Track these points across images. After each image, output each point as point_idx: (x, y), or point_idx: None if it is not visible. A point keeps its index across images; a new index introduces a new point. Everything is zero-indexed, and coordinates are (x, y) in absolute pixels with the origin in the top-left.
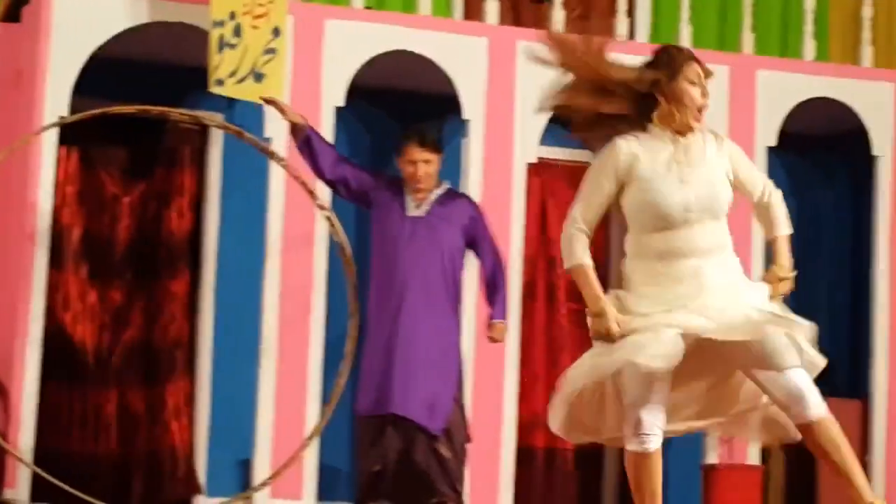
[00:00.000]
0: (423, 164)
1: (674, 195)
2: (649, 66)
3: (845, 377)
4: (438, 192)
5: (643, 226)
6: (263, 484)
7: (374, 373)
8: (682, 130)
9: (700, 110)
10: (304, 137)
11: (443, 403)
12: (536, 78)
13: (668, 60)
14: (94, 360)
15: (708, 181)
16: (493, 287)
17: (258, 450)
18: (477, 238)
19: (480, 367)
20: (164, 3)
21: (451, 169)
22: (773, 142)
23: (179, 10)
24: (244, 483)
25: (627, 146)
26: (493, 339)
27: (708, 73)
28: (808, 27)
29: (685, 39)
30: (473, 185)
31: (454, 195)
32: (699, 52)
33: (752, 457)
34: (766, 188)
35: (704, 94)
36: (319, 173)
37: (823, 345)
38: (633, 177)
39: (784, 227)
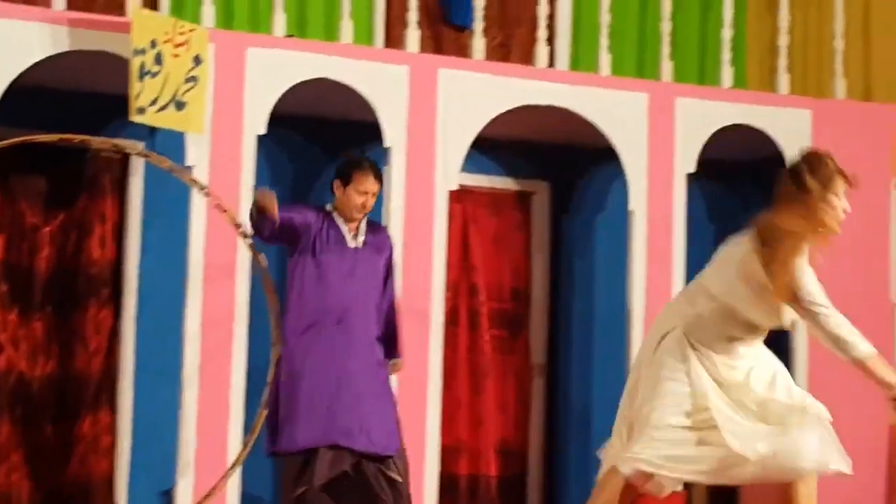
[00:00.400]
0: (372, 195)
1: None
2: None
3: None
4: (363, 221)
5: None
6: None
7: (315, 405)
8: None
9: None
10: (269, 220)
11: (393, 428)
12: (457, 106)
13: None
14: (15, 392)
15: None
16: (391, 323)
17: (180, 480)
18: (388, 271)
19: (403, 394)
20: (85, 31)
21: None
22: (691, 169)
23: (100, 39)
24: None
25: None
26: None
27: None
28: (726, 55)
29: (604, 68)
30: (395, 212)
31: (375, 225)
32: (618, 80)
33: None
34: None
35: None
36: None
37: None
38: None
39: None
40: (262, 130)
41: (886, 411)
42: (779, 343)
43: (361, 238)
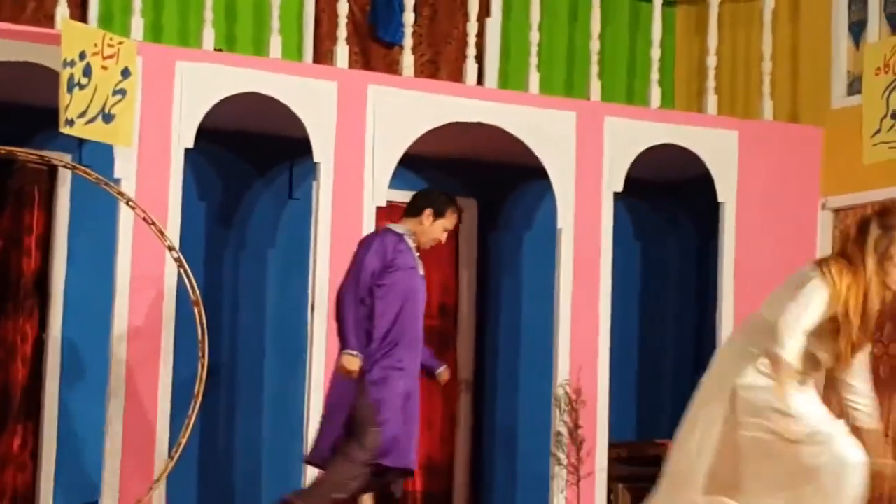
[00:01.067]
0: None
1: None
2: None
3: None
4: None
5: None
6: None
7: (401, 428)
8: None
9: None
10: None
11: None
12: (386, 122)
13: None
14: None
15: None
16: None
17: (105, 494)
18: None
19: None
20: (13, 42)
21: (302, 212)
22: (619, 188)
23: (29, 50)
24: None
25: None
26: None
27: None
28: (654, 75)
29: (534, 86)
30: (323, 227)
31: None
32: (547, 98)
33: (599, 500)
34: None
35: None
36: None
37: (669, 388)
38: None
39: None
40: (190, 144)
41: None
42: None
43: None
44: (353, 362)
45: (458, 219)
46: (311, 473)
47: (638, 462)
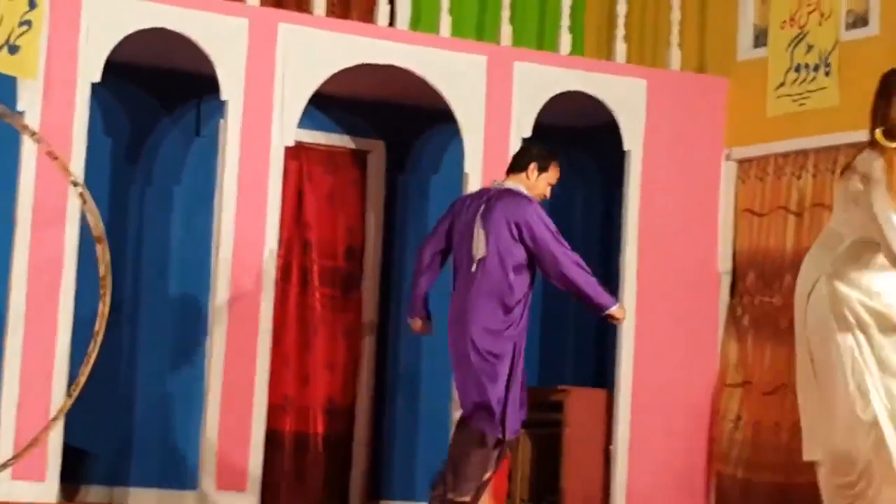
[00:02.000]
0: None
1: None
2: None
3: (592, 368)
4: None
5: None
6: (5, 465)
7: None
8: None
9: None
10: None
11: None
12: (297, 61)
13: None
14: None
15: None
16: None
17: (2, 430)
18: None
19: (232, 349)
20: None
21: (209, 149)
22: (527, 133)
23: None
24: None
25: None
26: None
27: None
28: (565, 21)
29: (445, 29)
30: (230, 165)
31: None
32: (458, 41)
33: None
34: None
35: None
36: None
37: (571, 337)
38: None
39: None
40: (97, 78)
41: None
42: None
43: None
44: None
45: (561, 172)
46: (212, 411)
47: (540, 408)
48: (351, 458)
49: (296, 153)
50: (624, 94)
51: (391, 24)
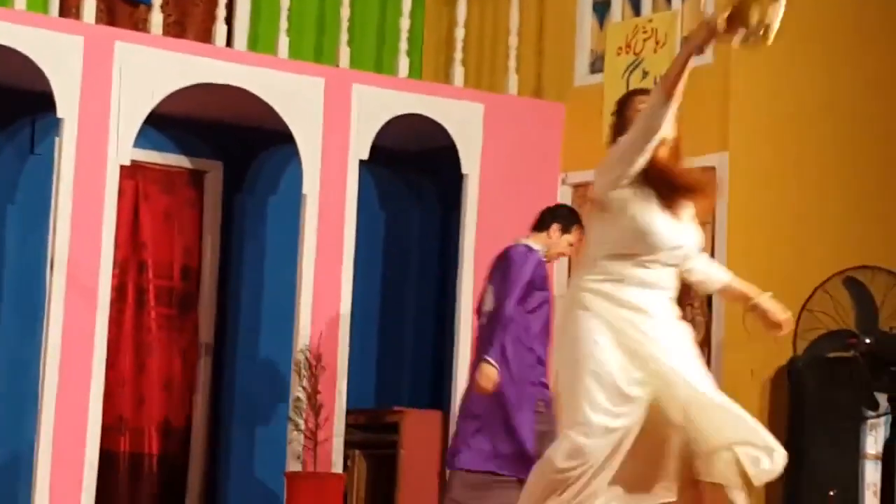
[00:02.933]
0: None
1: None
2: None
3: (429, 390)
4: None
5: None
6: None
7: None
8: None
9: None
10: None
11: None
12: (133, 80)
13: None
14: None
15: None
16: None
17: None
18: None
19: (66, 369)
20: None
21: (44, 168)
22: (365, 155)
23: None
24: None
25: None
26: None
27: None
28: (403, 45)
29: (283, 50)
30: (65, 184)
31: None
32: (296, 63)
33: (336, 465)
34: None
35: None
36: None
37: (408, 358)
38: None
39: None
40: None
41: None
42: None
43: None
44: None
45: (582, 234)
46: (45, 433)
47: (375, 429)
48: (186, 479)
49: (132, 172)
50: (462, 118)
51: (229, 44)
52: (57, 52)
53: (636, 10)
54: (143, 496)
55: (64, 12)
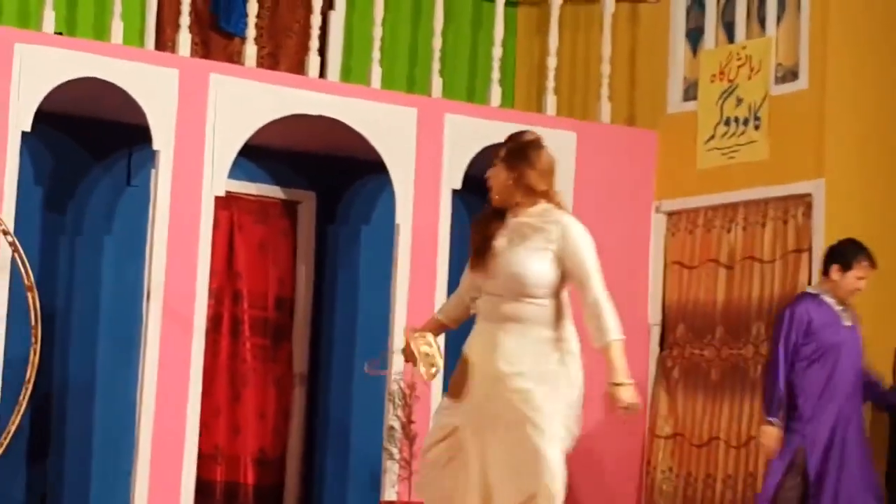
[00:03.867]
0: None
1: None
2: None
3: None
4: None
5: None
6: None
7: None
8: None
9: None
10: None
11: None
12: (227, 112)
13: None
14: None
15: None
16: None
17: None
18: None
19: (162, 398)
20: None
21: (140, 199)
22: (457, 185)
23: None
24: None
25: None
26: None
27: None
28: (495, 74)
29: (375, 80)
30: (161, 215)
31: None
32: (389, 93)
33: None
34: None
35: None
36: None
37: None
38: None
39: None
40: (28, 128)
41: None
42: None
43: (851, 316)
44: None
45: (872, 265)
46: (143, 461)
47: None
48: None
49: (226, 203)
50: (554, 147)
51: (322, 75)
52: (153, 85)
53: (730, 36)
54: None
55: (160, 46)
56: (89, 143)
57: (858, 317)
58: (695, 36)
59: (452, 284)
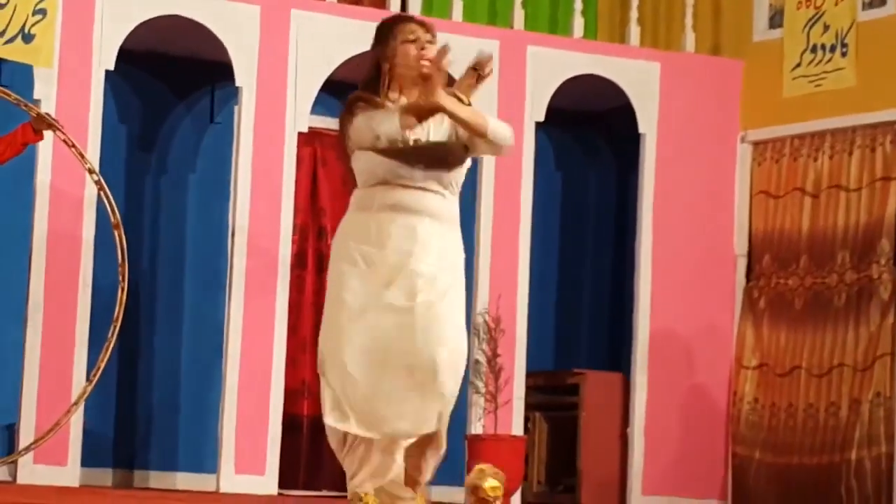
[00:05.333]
0: None
1: None
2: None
3: (607, 351)
4: None
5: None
6: (27, 448)
7: None
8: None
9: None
10: None
11: None
12: (309, 47)
13: (379, 34)
14: None
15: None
16: None
17: (23, 415)
18: None
19: (249, 335)
20: None
21: (223, 136)
22: (541, 117)
23: None
24: (9, 448)
25: None
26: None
27: (426, 26)
28: (578, 5)
29: (457, 13)
30: (245, 152)
31: None
32: (470, 26)
33: (516, 427)
34: None
35: (422, 46)
36: None
37: (587, 319)
38: None
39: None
40: (111, 66)
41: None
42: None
43: None
44: None
45: None
46: (230, 395)
47: (555, 391)
48: None
49: (309, 139)
50: (638, 77)
51: (403, 9)
52: (234, 22)
53: None
54: (326, 459)
55: None
56: (172, 80)
57: None
58: None
59: (536, 217)
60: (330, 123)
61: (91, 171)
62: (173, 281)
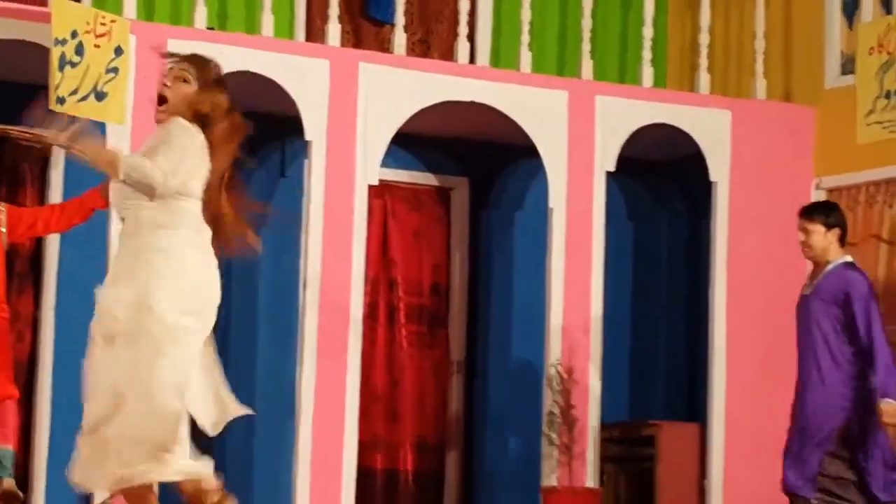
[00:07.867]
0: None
1: None
2: None
3: (683, 401)
4: (830, 267)
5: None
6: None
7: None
8: None
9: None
10: None
11: None
12: (378, 100)
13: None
14: None
15: None
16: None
17: None
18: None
19: (321, 387)
20: (4, 19)
21: (295, 191)
22: (611, 167)
23: (20, 28)
24: None
25: None
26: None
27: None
28: (646, 53)
29: (525, 64)
30: (315, 205)
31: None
32: (539, 77)
33: (590, 480)
34: None
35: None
36: None
37: (661, 369)
38: None
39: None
40: None
41: None
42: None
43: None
44: None
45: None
46: (304, 449)
47: (630, 443)
48: (442, 495)
49: (380, 192)
50: (708, 126)
51: (472, 61)
52: (304, 77)
53: (887, 8)
54: None
55: (310, 36)
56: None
57: None
58: (850, 8)
59: (608, 267)
60: (401, 176)
61: None
62: (246, 335)
